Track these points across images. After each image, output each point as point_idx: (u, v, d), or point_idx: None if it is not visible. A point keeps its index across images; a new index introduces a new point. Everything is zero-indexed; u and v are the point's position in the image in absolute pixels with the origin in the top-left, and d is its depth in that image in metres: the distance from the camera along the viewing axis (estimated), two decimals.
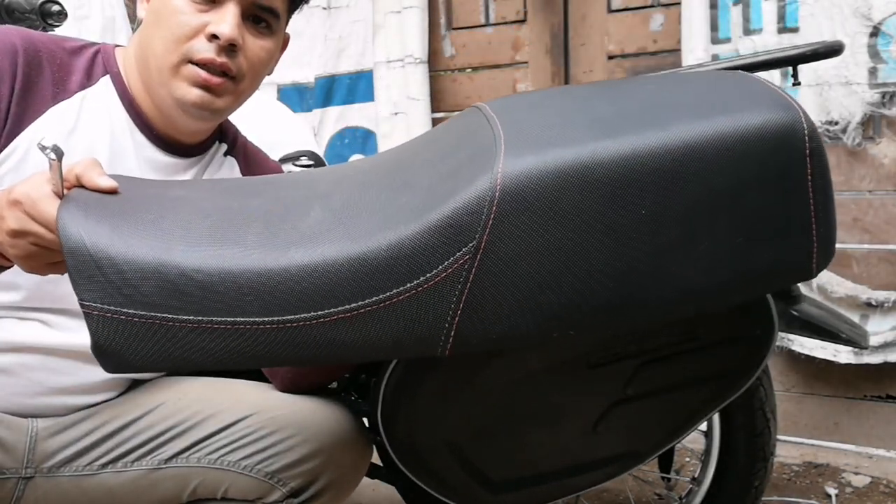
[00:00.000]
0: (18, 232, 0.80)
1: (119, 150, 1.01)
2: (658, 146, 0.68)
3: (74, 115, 0.99)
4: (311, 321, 0.70)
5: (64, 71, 1.00)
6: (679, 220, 0.68)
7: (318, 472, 0.98)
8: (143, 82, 1.02)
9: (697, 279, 0.70)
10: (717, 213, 0.69)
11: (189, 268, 0.70)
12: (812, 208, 0.70)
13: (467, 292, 0.69)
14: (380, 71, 2.54)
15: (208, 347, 0.71)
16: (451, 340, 0.71)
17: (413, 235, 0.69)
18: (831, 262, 0.73)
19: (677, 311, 0.73)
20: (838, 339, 1.30)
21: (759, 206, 0.69)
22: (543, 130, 0.71)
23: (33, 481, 0.98)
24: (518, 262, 0.68)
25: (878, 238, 2.02)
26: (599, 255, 0.69)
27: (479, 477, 1.00)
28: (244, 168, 1.14)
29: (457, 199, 0.68)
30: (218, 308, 0.70)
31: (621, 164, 0.68)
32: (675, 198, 0.68)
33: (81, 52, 1.03)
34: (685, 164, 0.68)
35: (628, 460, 1.03)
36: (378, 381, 0.95)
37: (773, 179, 0.69)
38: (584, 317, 0.71)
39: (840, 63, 1.91)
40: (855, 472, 2.00)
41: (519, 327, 0.70)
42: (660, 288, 0.70)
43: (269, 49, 1.03)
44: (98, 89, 1.02)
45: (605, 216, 0.68)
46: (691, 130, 0.68)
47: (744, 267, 0.70)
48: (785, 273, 0.72)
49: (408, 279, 0.69)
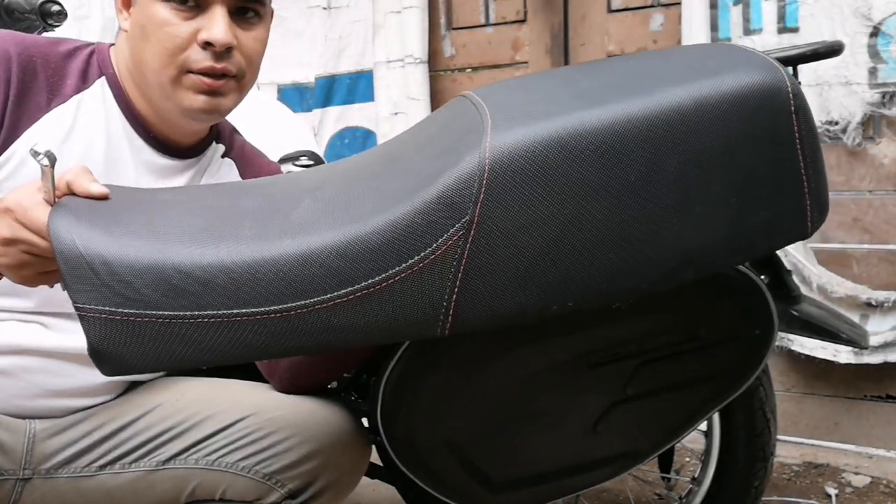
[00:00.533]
0: (10, 240, 0.80)
1: (115, 154, 1.01)
2: (644, 111, 0.68)
3: (71, 118, 0.99)
4: (308, 308, 0.70)
5: (59, 75, 0.99)
6: (670, 183, 0.69)
7: (317, 473, 0.98)
8: (139, 90, 1.02)
9: (694, 241, 0.70)
10: (708, 175, 0.69)
11: (183, 263, 0.70)
12: (802, 165, 0.70)
13: (463, 269, 0.69)
14: (380, 71, 2.54)
15: (206, 342, 0.71)
16: (451, 320, 0.71)
17: (404, 215, 0.69)
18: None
19: (677, 276, 0.72)
20: (838, 339, 1.30)
21: (749, 165, 0.69)
22: (529, 106, 0.71)
23: (31, 483, 0.97)
24: (513, 235, 0.68)
25: (878, 238, 2.01)
26: (593, 223, 0.68)
27: (479, 476, 1.00)
28: (242, 169, 1.14)
29: (446, 176, 0.68)
30: (214, 301, 0.70)
31: (609, 131, 0.68)
32: (665, 161, 0.68)
33: (76, 53, 1.02)
34: (673, 128, 0.68)
35: (628, 460, 1.03)
36: (378, 381, 0.95)
37: (760, 138, 0.69)
38: (582, 287, 0.70)
39: (840, 63, 1.91)
40: (855, 472, 2.00)
41: (518, 302, 0.70)
42: (657, 253, 0.70)
43: (262, 37, 1.02)
44: (94, 92, 1.02)
45: (596, 184, 0.68)
46: (676, 94, 0.69)
47: (740, 227, 0.71)
48: (781, 232, 0.72)
49: (402, 260, 0.69)
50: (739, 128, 0.69)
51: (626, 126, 0.68)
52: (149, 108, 1.02)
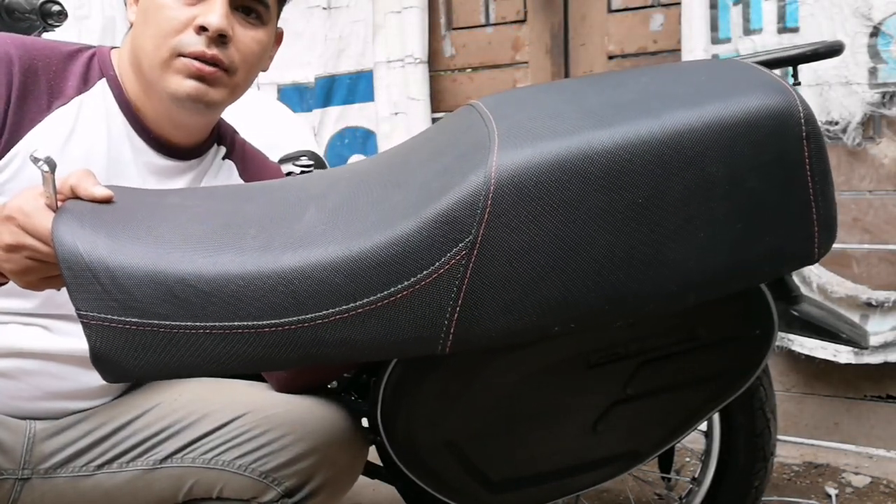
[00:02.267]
0: (13, 246, 0.80)
1: (117, 155, 1.01)
2: (652, 133, 0.67)
3: (72, 121, 0.99)
4: (309, 323, 0.70)
5: (60, 77, 0.99)
6: (676, 208, 0.68)
7: (313, 472, 0.98)
8: (138, 83, 1.02)
9: (697, 267, 0.70)
10: (714, 200, 0.68)
11: (186, 273, 0.70)
12: (811, 192, 0.69)
13: (465, 288, 0.69)
14: (380, 71, 2.54)
15: (206, 353, 0.71)
16: (451, 338, 0.70)
17: (408, 233, 0.69)
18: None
19: (679, 301, 0.72)
20: (838, 339, 1.30)
21: (757, 191, 0.68)
22: (537, 123, 0.71)
23: (30, 482, 0.98)
24: (516, 255, 0.68)
25: (878, 238, 2.01)
26: (597, 245, 0.68)
27: (479, 477, 1.00)
28: (243, 171, 1.14)
29: (451, 194, 0.68)
30: (215, 313, 0.70)
31: (616, 153, 0.67)
32: (672, 185, 0.67)
33: (77, 56, 1.02)
34: (680, 151, 0.67)
35: (628, 460, 1.03)
36: (378, 381, 0.95)
37: (770, 164, 0.68)
38: (584, 309, 0.70)
39: (840, 63, 1.91)
40: (855, 472, 2.00)
41: (519, 322, 0.70)
42: (660, 277, 0.69)
43: (261, 41, 1.02)
44: (95, 94, 1.02)
45: (601, 206, 0.67)
46: (685, 117, 0.68)
47: (745, 254, 0.70)
48: (787, 258, 0.72)
49: (404, 277, 0.69)
50: (749, 153, 0.68)
51: (633, 149, 0.67)
52: (149, 108, 1.02)
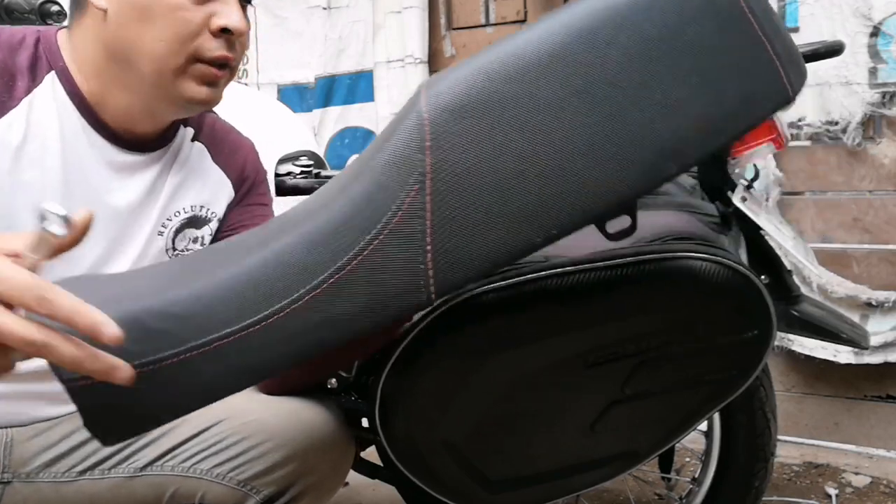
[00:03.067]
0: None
1: (73, 156, 0.93)
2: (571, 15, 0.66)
3: (23, 124, 0.91)
4: (285, 310, 0.68)
5: (8, 75, 0.91)
6: (620, 79, 0.66)
7: (293, 479, 0.94)
8: (101, 81, 0.94)
9: (665, 131, 0.66)
10: (658, 59, 0.66)
11: (155, 305, 0.68)
12: (757, 29, 0.66)
13: (430, 224, 0.66)
14: (380, 71, 2.54)
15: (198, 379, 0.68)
16: (433, 281, 0.67)
17: (359, 189, 0.67)
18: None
19: (660, 173, 0.68)
20: (838, 339, 1.30)
21: (699, 40, 0.66)
22: (462, 64, 0.70)
23: (11, 486, 0.96)
24: (471, 174, 0.65)
25: (878, 238, 2.02)
26: (551, 140, 0.65)
27: (478, 476, 1.00)
28: (216, 155, 1.07)
29: (391, 141, 0.67)
30: (194, 332, 0.67)
31: (540, 43, 0.66)
32: (607, 58, 0.65)
33: (22, 45, 0.93)
34: (604, 23, 0.65)
35: (627, 460, 1.03)
36: (375, 381, 0.95)
37: (702, 9, 0.66)
38: (561, 211, 0.67)
39: (840, 63, 1.91)
40: (855, 472, 2.00)
41: (497, 243, 0.67)
42: (629, 153, 0.66)
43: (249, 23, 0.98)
44: (44, 89, 0.93)
45: (542, 100, 0.65)
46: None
47: (712, 106, 0.67)
48: (760, 101, 0.68)
49: (366, 232, 0.67)
50: (675, 8, 0.65)
51: (556, 34, 0.65)
52: (109, 101, 0.94)
